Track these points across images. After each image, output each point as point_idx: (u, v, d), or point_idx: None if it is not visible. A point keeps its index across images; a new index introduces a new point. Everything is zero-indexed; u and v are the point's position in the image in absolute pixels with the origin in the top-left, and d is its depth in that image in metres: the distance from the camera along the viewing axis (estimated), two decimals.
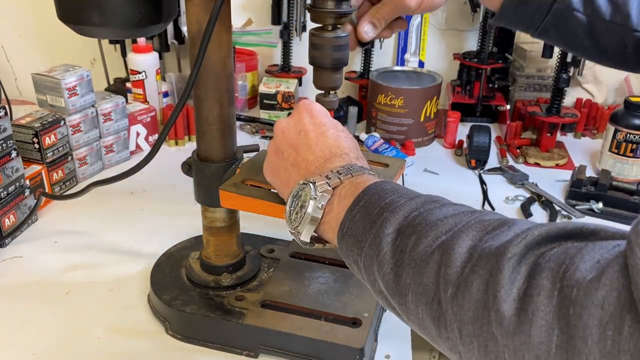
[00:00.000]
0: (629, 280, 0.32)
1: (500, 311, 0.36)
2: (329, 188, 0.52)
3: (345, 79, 1.51)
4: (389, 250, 0.45)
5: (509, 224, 0.41)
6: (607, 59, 0.76)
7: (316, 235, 0.55)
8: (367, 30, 0.74)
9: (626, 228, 0.35)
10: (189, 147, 1.32)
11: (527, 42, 1.52)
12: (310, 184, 0.52)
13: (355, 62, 1.57)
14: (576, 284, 0.34)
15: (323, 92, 0.68)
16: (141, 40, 1.36)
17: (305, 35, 1.46)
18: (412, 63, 1.54)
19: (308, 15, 0.65)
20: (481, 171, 1.23)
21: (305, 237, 0.54)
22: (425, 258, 0.42)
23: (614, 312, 0.32)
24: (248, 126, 1.42)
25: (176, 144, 1.32)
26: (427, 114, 1.32)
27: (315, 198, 0.52)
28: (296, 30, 1.47)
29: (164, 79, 1.45)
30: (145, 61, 1.35)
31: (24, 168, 0.98)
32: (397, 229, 0.45)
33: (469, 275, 0.39)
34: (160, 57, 1.48)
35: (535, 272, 0.36)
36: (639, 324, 0.31)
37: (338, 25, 0.64)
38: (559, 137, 1.38)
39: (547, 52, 1.29)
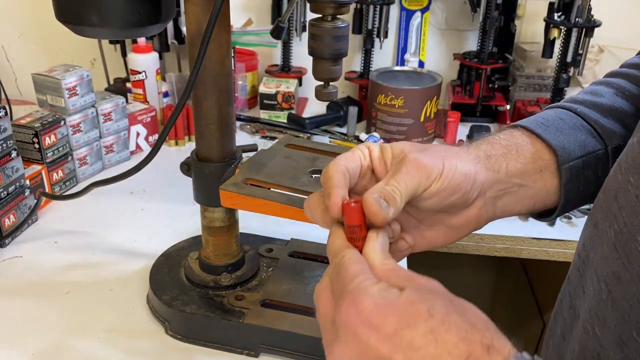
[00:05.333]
0: None
1: None
2: None
3: (345, 79, 1.51)
4: None
5: None
6: None
7: None
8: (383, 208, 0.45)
9: None
10: (189, 147, 1.32)
11: (527, 42, 1.52)
12: None
13: (355, 62, 1.57)
14: None
15: (322, 83, 0.68)
16: (141, 40, 1.36)
17: (305, 36, 1.46)
18: (412, 63, 1.54)
19: (308, 15, 0.65)
20: None
21: None
22: None
23: None
24: (248, 126, 1.42)
25: (176, 144, 1.32)
26: (427, 114, 1.32)
27: None
28: (296, 30, 1.47)
29: (164, 79, 1.45)
30: (145, 61, 1.35)
31: (24, 168, 0.98)
32: None
33: None
34: (160, 57, 1.48)
35: None
36: None
37: (338, 15, 0.64)
38: None
39: (547, 52, 1.29)
